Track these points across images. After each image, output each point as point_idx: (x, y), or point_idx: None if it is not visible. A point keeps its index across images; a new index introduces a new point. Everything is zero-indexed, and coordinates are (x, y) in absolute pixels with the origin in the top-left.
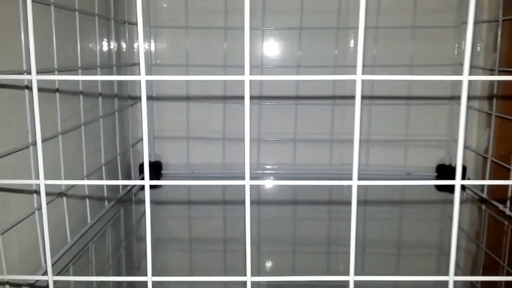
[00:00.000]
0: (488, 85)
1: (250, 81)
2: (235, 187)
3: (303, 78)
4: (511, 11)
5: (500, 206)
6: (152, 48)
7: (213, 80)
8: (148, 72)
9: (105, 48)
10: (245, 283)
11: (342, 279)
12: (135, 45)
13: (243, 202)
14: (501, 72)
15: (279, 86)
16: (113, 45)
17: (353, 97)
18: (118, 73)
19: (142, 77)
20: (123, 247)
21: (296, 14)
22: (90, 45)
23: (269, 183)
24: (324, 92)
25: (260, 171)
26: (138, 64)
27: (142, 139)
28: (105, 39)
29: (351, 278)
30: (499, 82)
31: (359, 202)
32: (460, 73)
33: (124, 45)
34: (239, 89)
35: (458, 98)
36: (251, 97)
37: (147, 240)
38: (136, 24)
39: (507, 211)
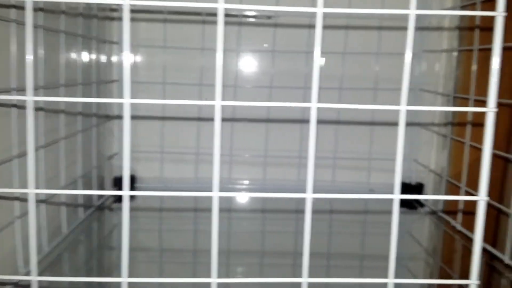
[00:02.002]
0: (446, 111)
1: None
2: (208, 200)
3: (266, 104)
4: (467, 42)
5: (452, 222)
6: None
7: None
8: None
9: (85, 64)
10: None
11: (296, 281)
12: (113, 59)
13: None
14: (455, 98)
15: (251, 107)
16: (93, 61)
17: (320, 121)
18: (97, 89)
19: (126, 100)
20: (96, 257)
21: (269, 37)
22: (71, 62)
23: (236, 195)
24: (293, 114)
25: (231, 185)
26: (116, 81)
27: (117, 153)
28: (86, 57)
29: (304, 280)
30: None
31: (325, 213)
32: (421, 97)
33: (103, 61)
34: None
35: (417, 124)
36: (224, 118)
37: (124, 242)
38: (115, 43)
39: (458, 226)
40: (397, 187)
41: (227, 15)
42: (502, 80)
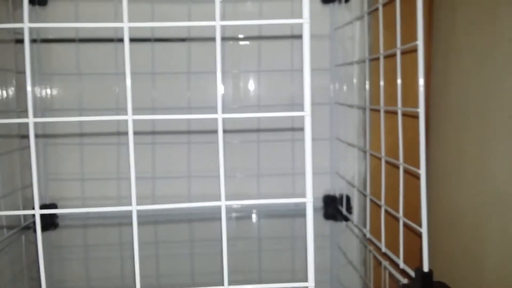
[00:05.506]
0: (363, 124)
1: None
2: (130, 228)
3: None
4: (374, 51)
5: (364, 230)
6: (44, 95)
7: (105, 123)
8: (43, 117)
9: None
10: None
11: None
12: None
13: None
14: (371, 110)
15: (170, 124)
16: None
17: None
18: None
19: (31, 120)
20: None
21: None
22: None
23: (156, 207)
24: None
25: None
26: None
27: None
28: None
29: None
30: (370, 121)
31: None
32: (336, 111)
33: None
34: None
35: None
36: (144, 133)
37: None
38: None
39: (368, 234)
40: (309, 192)
41: (138, 39)
42: (407, 81)
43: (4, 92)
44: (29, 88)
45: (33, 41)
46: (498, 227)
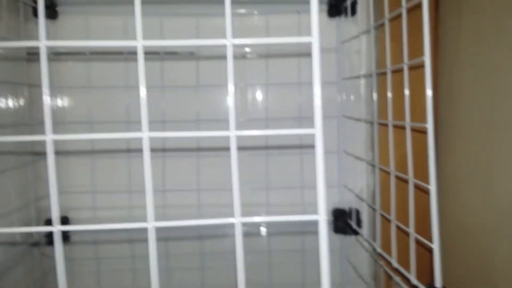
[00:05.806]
0: (371, 137)
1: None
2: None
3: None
4: (380, 65)
5: (374, 244)
6: (55, 108)
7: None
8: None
9: (11, 110)
10: None
11: None
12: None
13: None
14: (378, 124)
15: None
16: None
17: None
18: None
19: (49, 137)
20: None
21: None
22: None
23: (171, 224)
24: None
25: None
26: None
27: (44, 196)
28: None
29: None
30: (378, 134)
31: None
32: (343, 124)
33: (24, 105)
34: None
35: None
36: (155, 150)
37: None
38: (38, 86)
39: (378, 249)
40: (322, 209)
41: (147, 52)
42: (415, 94)
43: (17, 105)
44: (47, 105)
45: None
46: (511, 237)
